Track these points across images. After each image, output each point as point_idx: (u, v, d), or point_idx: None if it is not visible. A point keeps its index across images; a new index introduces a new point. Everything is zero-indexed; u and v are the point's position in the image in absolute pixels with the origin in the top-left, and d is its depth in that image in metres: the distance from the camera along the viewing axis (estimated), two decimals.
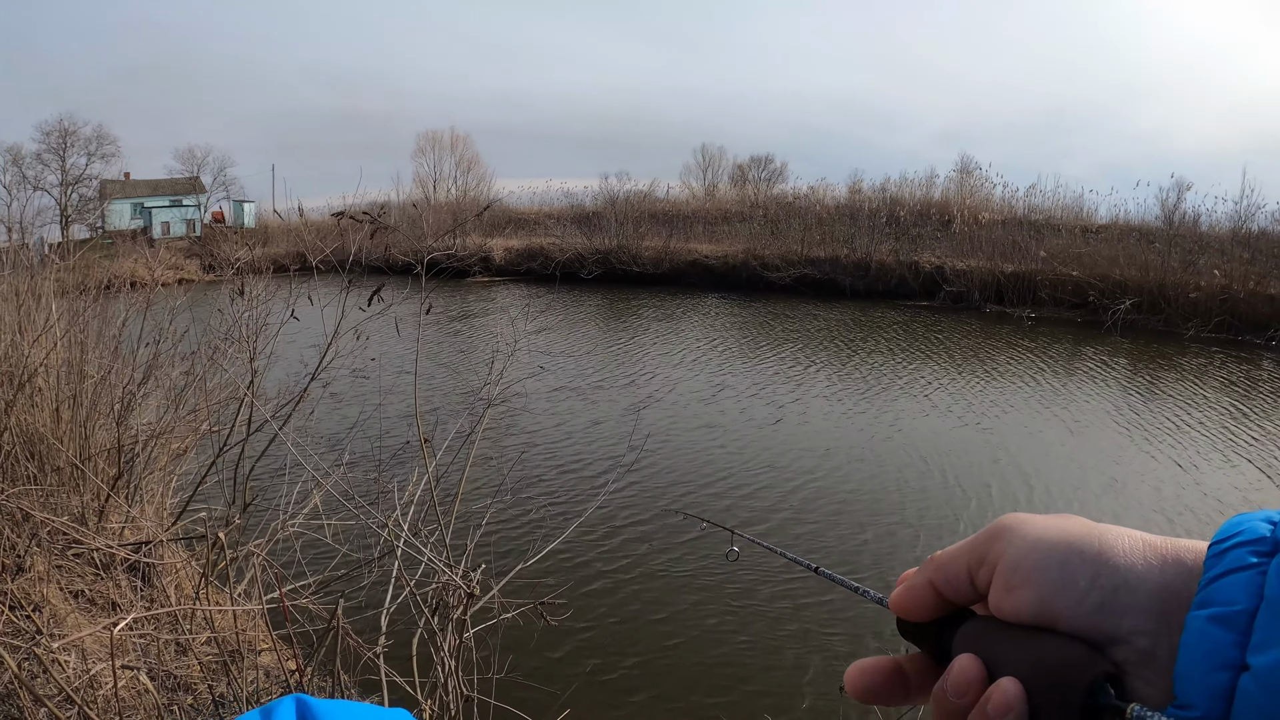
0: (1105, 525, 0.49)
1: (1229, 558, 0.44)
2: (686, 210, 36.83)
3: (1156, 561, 0.46)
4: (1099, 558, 0.46)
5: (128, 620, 2.38)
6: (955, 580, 0.53)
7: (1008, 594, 0.49)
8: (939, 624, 0.54)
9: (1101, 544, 0.47)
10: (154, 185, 44.13)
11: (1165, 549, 0.46)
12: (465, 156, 47.93)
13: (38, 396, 5.71)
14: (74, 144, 42.88)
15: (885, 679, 0.55)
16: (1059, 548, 0.48)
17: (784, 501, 8.52)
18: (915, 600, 0.55)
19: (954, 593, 0.53)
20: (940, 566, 0.54)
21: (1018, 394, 13.65)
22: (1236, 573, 0.43)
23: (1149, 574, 0.45)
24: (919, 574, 0.55)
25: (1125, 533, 0.48)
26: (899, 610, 0.56)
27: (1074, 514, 0.51)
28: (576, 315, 22.26)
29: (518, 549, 5.77)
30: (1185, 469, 9.87)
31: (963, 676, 0.48)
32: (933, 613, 0.54)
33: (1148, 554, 0.46)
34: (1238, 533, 0.45)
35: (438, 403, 12.21)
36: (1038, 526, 0.50)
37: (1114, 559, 0.46)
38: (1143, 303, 20.38)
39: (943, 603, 0.54)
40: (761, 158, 51.55)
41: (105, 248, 23.98)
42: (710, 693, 5.33)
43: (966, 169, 34.51)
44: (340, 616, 2.82)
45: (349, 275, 4.79)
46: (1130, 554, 0.46)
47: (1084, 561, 0.47)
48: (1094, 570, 0.46)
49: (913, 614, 0.55)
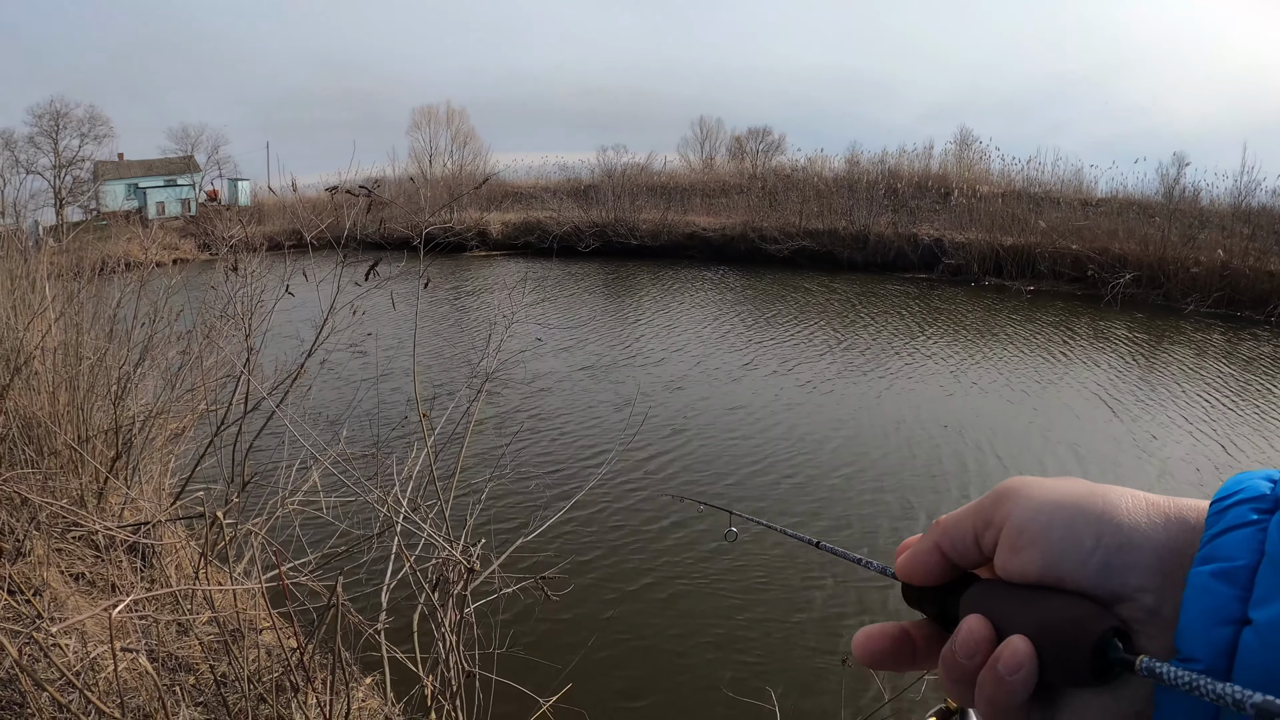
0: (1108, 485, 0.49)
1: (1230, 515, 0.45)
2: (684, 183, 36.66)
3: (1160, 520, 0.47)
4: (1103, 517, 0.47)
5: (127, 602, 2.37)
6: (961, 544, 0.53)
7: (1014, 555, 0.49)
8: (945, 588, 0.55)
9: (1105, 504, 0.48)
10: (148, 165, 43.93)
11: (1168, 507, 0.47)
12: (461, 131, 47.82)
13: (34, 379, 5.68)
14: (66, 126, 42.67)
15: (892, 644, 0.56)
16: (1064, 508, 0.48)
17: (787, 477, 8.53)
18: (921, 565, 0.55)
19: (960, 556, 0.54)
20: (946, 530, 0.54)
21: (1035, 366, 13.66)
22: (1238, 529, 0.44)
23: (1153, 532, 0.46)
24: (925, 539, 0.56)
25: (1128, 493, 0.48)
26: (905, 575, 0.57)
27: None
28: (574, 288, 22.21)
29: (518, 524, 5.77)
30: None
31: (971, 637, 0.49)
32: (939, 577, 0.55)
33: (1151, 513, 0.47)
34: (1239, 490, 0.46)
35: (436, 377, 12.19)
36: (1043, 488, 0.50)
37: (1118, 518, 0.47)
38: (1142, 277, 20.29)
39: (949, 567, 0.54)
40: (759, 130, 51.47)
41: (100, 229, 23.88)
42: (712, 666, 5.35)
43: (965, 141, 34.37)
44: (340, 594, 2.81)
45: (344, 251, 4.75)
46: (1134, 513, 0.47)
47: (1088, 521, 0.47)
48: (1098, 530, 0.47)
49: (919, 579, 0.56)
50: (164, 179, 42.97)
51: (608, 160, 36.55)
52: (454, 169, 44.19)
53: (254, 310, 5.67)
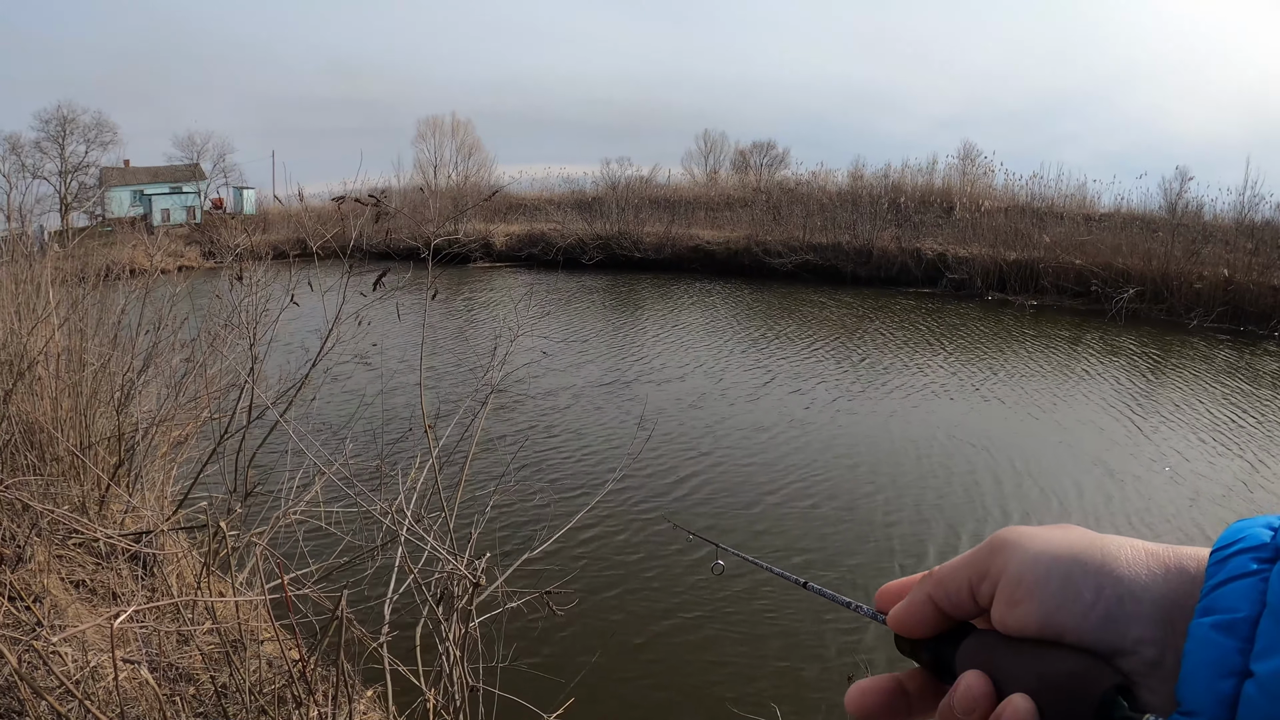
0: (1107, 535, 0.49)
1: (1231, 564, 0.44)
2: (688, 196, 36.75)
3: (1160, 570, 0.46)
4: (1102, 569, 0.47)
5: (128, 613, 2.34)
6: (956, 596, 0.53)
7: (1011, 608, 0.49)
8: (939, 639, 0.54)
9: (1104, 555, 0.47)
10: (154, 172, 44.08)
11: (1168, 557, 0.47)
12: (466, 142, 47.86)
13: (37, 385, 5.67)
14: (73, 131, 42.88)
15: (886, 698, 0.55)
16: (1062, 560, 0.48)
17: (786, 504, 8.49)
18: (915, 616, 0.55)
19: (954, 608, 0.53)
20: (940, 582, 0.54)
21: (1059, 385, 13.62)
22: (1238, 580, 0.43)
23: (1153, 583, 0.46)
24: (918, 590, 0.55)
25: (1127, 542, 0.48)
26: (898, 627, 0.56)
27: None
28: (579, 302, 22.21)
29: (523, 538, 5.74)
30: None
31: (970, 694, 0.48)
32: (933, 629, 0.54)
33: (1150, 563, 0.47)
34: (1239, 539, 0.45)
35: (441, 389, 12.17)
36: (1039, 538, 0.50)
37: (1117, 569, 0.47)
38: (1146, 292, 20.30)
39: (943, 619, 0.54)
40: (763, 143, 51.53)
41: (105, 235, 23.96)
42: (716, 685, 5.32)
43: (969, 156, 34.46)
44: (344, 606, 2.79)
45: (350, 261, 4.74)
46: (1133, 564, 0.47)
47: (1088, 573, 0.47)
48: (1098, 581, 0.46)
49: (912, 630, 0.55)
50: (169, 186, 43.09)
51: (612, 173, 36.73)
52: (459, 180, 44.29)
53: (259, 319, 5.66)
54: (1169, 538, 7.14)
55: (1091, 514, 8.01)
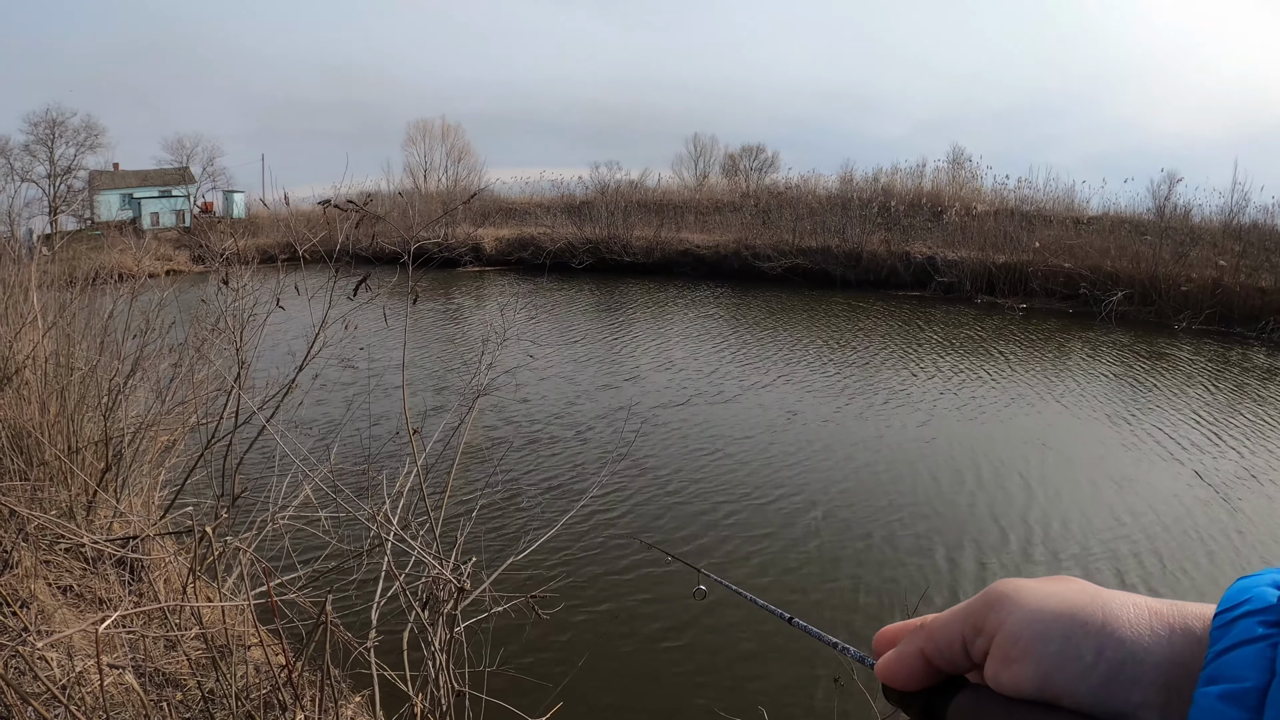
0: (1109, 592, 0.47)
1: (1237, 629, 0.42)
2: (678, 200, 36.78)
3: (1164, 631, 0.45)
4: (1104, 629, 0.45)
5: (114, 618, 2.35)
6: (949, 650, 0.51)
7: (1007, 666, 0.47)
8: (930, 692, 0.53)
9: (1106, 614, 0.46)
10: (143, 176, 43.91)
11: (1172, 617, 0.45)
12: (456, 146, 47.85)
13: (24, 389, 5.65)
14: (62, 134, 42.66)
15: None
16: (1061, 618, 0.46)
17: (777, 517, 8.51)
18: (905, 669, 0.53)
19: (946, 662, 0.52)
20: (932, 635, 0.52)
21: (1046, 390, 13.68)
22: (1245, 645, 0.41)
23: (1156, 645, 0.44)
24: (908, 642, 0.54)
25: (1130, 600, 0.46)
26: (886, 678, 0.55)
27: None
28: (568, 305, 22.20)
29: (509, 541, 5.75)
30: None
31: None
32: (923, 682, 0.53)
33: (1154, 623, 0.45)
34: (1245, 600, 0.43)
35: (427, 393, 12.15)
36: (1038, 594, 0.48)
37: (1119, 630, 0.45)
38: (1134, 294, 20.45)
39: (934, 672, 0.53)
40: (753, 147, 51.77)
41: (94, 239, 23.83)
42: (704, 687, 5.32)
43: (957, 160, 34.62)
44: (329, 611, 2.79)
45: (336, 265, 4.74)
46: (1136, 624, 0.45)
47: (1088, 634, 0.45)
48: (1099, 643, 0.45)
49: (901, 683, 0.54)
50: (159, 190, 42.89)
51: (601, 177, 36.76)
52: (449, 184, 44.23)
53: (246, 324, 5.65)
54: (1165, 539, 7.29)
55: (1082, 519, 8.06)
